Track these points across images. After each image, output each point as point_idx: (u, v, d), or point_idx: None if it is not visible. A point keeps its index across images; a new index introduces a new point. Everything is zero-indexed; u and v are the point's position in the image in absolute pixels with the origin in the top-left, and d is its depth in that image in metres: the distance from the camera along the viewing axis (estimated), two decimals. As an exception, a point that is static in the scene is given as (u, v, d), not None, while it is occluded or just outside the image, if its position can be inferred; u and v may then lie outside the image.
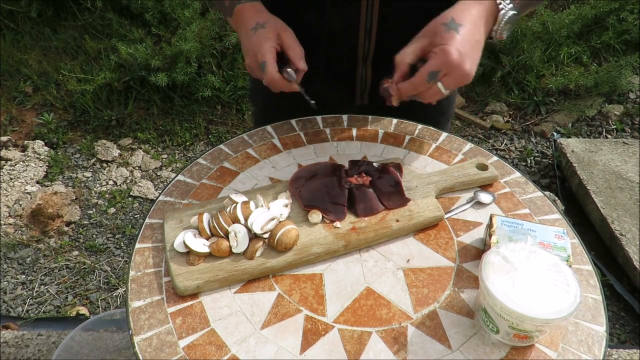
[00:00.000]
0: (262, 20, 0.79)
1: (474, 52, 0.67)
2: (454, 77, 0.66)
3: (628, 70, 2.48)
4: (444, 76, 0.66)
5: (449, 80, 0.67)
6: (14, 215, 1.95)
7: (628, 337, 1.61)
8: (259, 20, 0.79)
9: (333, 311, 0.62)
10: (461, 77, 0.66)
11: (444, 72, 0.66)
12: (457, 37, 0.65)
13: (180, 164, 2.27)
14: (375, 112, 0.98)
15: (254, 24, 0.78)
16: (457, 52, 0.64)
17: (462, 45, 0.65)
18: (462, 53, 0.65)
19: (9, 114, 2.37)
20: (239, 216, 0.68)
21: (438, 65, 0.65)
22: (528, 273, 0.57)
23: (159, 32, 2.42)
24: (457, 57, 0.65)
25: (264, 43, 0.76)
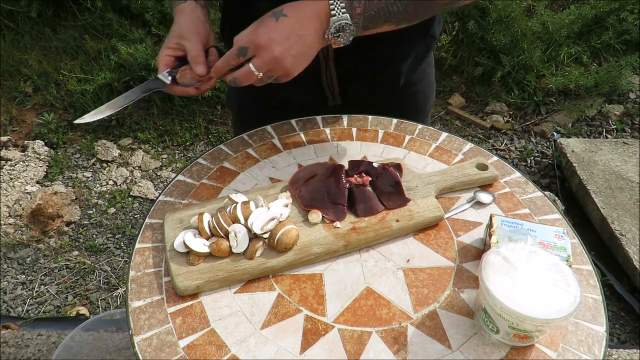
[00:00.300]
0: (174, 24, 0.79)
1: (290, 42, 0.68)
2: (263, 60, 0.67)
3: (628, 70, 2.48)
4: (253, 57, 0.68)
5: (258, 62, 0.68)
6: (14, 215, 1.95)
7: (628, 337, 1.61)
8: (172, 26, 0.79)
9: (333, 311, 0.62)
10: (270, 61, 0.68)
11: (252, 53, 0.68)
12: (273, 24, 0.67)
13: (180, 164, 2.27)
14: (350, 112, 0.98)
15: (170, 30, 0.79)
16: (266, 35, 0.67)
17: (276, 32, 0.67)
18: (272, 38, 0.67)
19: (9, 114, 2.37)
20: (239, 216, 0.68)
21: (246, 42, 0.67)
22: (528, 273, 0.57)
23: (159, 32, 2.42)
24: (265, 41, 0.66)
25: (160, 52, 0.77)
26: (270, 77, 0.71)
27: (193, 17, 0.80)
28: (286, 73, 0.70)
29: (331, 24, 0.69)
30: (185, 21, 0.79)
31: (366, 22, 0.71)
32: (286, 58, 0.68)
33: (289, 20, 0.68)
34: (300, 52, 0.69)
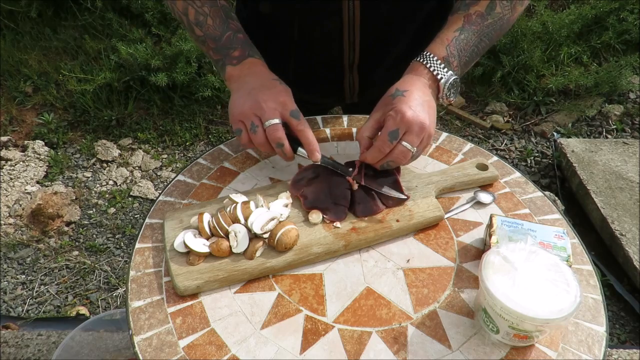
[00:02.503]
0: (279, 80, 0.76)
1: (426, 109, 0.70)
2: (414, 132, 0.69)
3: (628, 70, 2.48)
4: (405, 134, 0.69)
5: (410, 137, 0.69)
6: (14, 215, 1.95)
7: (628, 337, 1.61)
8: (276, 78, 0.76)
9: (333, 311, 0.62)
10: (420, 130, 0.69)
11: (404, 130, 0.69)
12: (405, 99, 0.70)
13: (180, 164, 2.27)
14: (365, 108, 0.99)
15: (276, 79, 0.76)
16: (409, 108, 0.68)
17: (412, 102, 0.69)
18: (413, 108, 0.69)
19: (9, 114, 2.37)
20: (239, 216, 0.68)
21: (395, 124, 0.69)
22: (528, 273, 0.57)
23: (159, 32, 2.42)
24: (411, 113, 0.68)
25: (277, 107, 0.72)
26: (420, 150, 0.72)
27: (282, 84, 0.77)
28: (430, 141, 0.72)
29: (442, 86, 0.73)
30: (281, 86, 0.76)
31: (463, 68, 0.76)
32: (430, 126, 0.70)
33: (412, 92, 0.71)
34: (434, 117, 0.72)
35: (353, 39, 0.87)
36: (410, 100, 0.70)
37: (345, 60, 0.91)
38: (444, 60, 0.73)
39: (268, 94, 0.73)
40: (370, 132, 0.73)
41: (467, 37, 0.74)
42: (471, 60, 0.76)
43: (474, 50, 0.75)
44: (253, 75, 0.77)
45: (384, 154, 0.71)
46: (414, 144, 0.69)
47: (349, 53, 0.90)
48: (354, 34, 0.86)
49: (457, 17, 0.76)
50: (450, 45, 0.73)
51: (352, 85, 0.97)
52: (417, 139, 0.69)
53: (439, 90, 0.74)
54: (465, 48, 0.74)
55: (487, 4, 0.74)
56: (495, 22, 0.75)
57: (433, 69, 0.72)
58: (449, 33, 0.74)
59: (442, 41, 0.74)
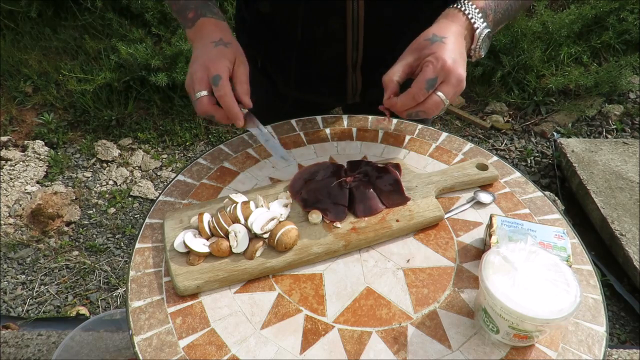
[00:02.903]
0: (227, 39, 0.76)
1: (462, 60, 0.67)
2: (452, 84, 0.66)
3: (628, 70, 2.48)
4: (441, 84, 0.66)
5: (447, 88, 0.66)
6: (14, 215, 1.95)
7: (628, 337, 1.61)
8: (223, 38, 0.76)
9: (333, 311, 0.62)
10: (458, 82, 0.66)
11: (441, 80, 0.65)
12: (446, 47, 0.66)
13: (180, 164, 2.27)
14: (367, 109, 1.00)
15: (218, 39, 0.75)
16: (450, 58, 0.65)
17: (453, 52, 0.66)
18: (455, 59, 0.65)
19: (9, 114, 2.37)
20: (239, 216, 0.68)
21: (435, 72, 0.65)
22: (528, 273, 0.57)
23: (159, 32, 2.42)
24: (452, 63, 0.65)
25: (222, 59, 0.72)
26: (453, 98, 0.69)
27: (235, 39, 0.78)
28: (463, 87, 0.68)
29: (477, 36, 0.69)
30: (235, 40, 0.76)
31: (494, 27, 0.72)
32: (464, 78, 0.67)
33: (451, 40, 0.67)
34: (465, 69, 0.68)
35: (357, 39, 0.86)
36: (450, 48, 0.66)
37: (349, 60, 0.91)
38: (482, 10, 0.68)
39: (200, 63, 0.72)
40: (400, 76, 0.69)
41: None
42: (503, 18, 0.72)
43: (507, 9, 0.72)
44: (200, 39, 0.76)
45: (417, 102, 0.66)
46: (449, 95, 0.66)
47: (353, 53, 0.89)
48: (357, 34, 0.85)
49: None
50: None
51: (355, 84, 0.96)
52: (452, 90, 0.66)
53: (472, 41, 0.69)
54: (500, 4, 0.70)
55: None
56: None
57: (471, 17, 0.68)
58: None
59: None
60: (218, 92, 0.71)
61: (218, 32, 0.76)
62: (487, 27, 0.69)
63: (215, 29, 0.77)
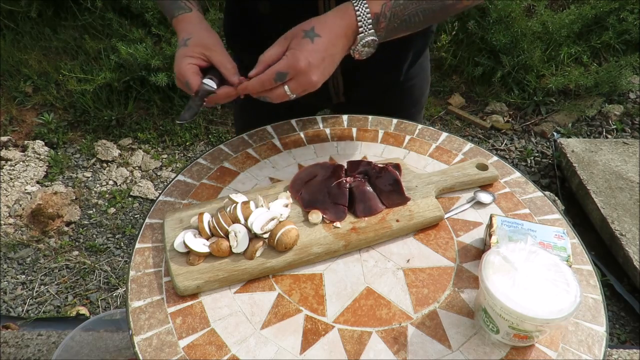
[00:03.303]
0: (186, 34, 0.77)
1: (324, 64, 0.69)
2: (300, 83, 0.68)
3: (628, 70, 2.48)
4: (290, 80, 0.68)
5: (294, 85, 0.69)
6: (14, 215, 1.95)
7: (628, 337, 1.61)
8: (185, 35, 0.77)
9: (333, 311, 0.62)
10: (306, 84, 0.69)
11: (291, 76, 0.68)
12: (310, 47, 0.68)
13: (180, 164, 2.27)
14: (352, 109, 1.00)
15: (182, 39, 0.77)
16: (306, 60, 0.67)
17: (313, 55, 0.67)
18: (311, 63, 0.67)
19: (9, 114, 2.37)
20: (239, 216, 0.68)
21: (285, 68, 0.68)
22: (528, 273, 0.57)
23: (159, 32, 2.42)
24: (305, 66, 0.67)
25: (182, 62, 0.75)
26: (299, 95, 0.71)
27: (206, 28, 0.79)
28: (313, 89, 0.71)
29: (358, 40, 0.70)
30: (201, 31, 0.78)
31: (388, 34, 0.73)
32: (320, 80, 0.70)
33: (323, 41, 0.69)
34: (329, 70, 0.71)
35: None
36: (315, 49, 0.68)
37: None
38: (374, 17, 0.69)
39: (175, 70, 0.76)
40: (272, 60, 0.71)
41: (405, 5, 0.71)
42: (399, 29, 0.73)
43: (406, 20, 0.72)
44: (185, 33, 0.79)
45: (265, 89, 0.70)
46: (295, 91, 0.69)
47: None
48: None
49: None
50: (387, 5, 0.70)
51: (337, 85, 0.96)
52: (300, 89, 0.69)
53: (354, 43, 0.71)
54: (399, 14, 0.71)
55: None
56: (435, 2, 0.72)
57: (359, 20, 0.69)
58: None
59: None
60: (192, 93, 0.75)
61: (183, 32, 0.79)
62: (373, 34, 0.71)
63: (182, 28, 0.79)
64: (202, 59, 0.75)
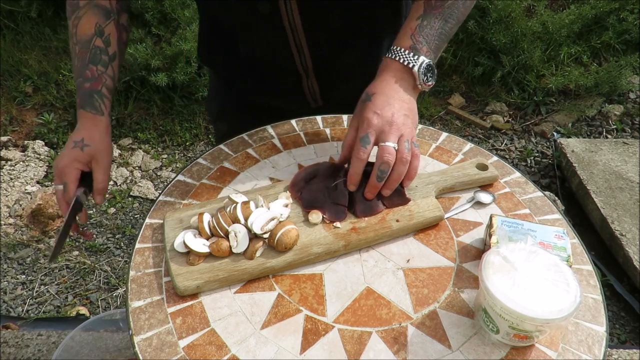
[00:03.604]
0: (88, 139, 0.80)
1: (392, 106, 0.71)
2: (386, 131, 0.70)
3: (628, 70, 2.48)
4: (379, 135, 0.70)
5: (384, 136, 0.70)
6: (14, 215, 1.95)
7: (628, 337, 1.61)
8: (85, 138, 0.80)
9: (333, 311, 0.62)
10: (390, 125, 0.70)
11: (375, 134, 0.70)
12: (371, 105, 0.72)
13: (180, 164, 2.27)
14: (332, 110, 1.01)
15: (80, 139, 0.80)
16: (374, 114, 0.70)
17: (377, 107, 0.71)
18: (379, 111, 0.70)
19: (9, 114, 2.37)
20: (239, 216, 0.68)
21: (364, 131, 0.70)
22: (528, 273, 0.57)
23: (159, 32, 2.42)
24: (376, 117, 0.70)
25: (73, 164, 0.78)
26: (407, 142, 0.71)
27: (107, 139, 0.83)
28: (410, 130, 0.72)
29: (416, 73, 0.73)
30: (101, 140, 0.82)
31: (436, 52, 0.75)
32: (402, 119, 0.71)
33: (379, 94, 0.72)
34: (407, 109, 0.72)
35: (300, 43, 0.86)
36: (376, 104, 0.71)
37: (299, 66, 0.91)
38: (411, 49, 0.72)
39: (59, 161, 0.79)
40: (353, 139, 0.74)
41: (431, 23, 0.74)
42: (442, 43, 0.76)
43: (441, 33, 0.75)
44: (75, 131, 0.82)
45: (362, 160, 0.71)
46: (393, 140, 0.70)
47: (300, 58, 0.89)
48: (298, 38, 0.85)
49: (417, 4, 0.75)
50: (415, 34, 0.73)
51: (312, 88, 0.97)
52: (393, 135, 0.70)
53: (414, 78, 0.73)
54: (431, 33, 0.74)
55: None
56: (456, 1, 0.75)
57: (402, 60, 0.72)
58: (412, 22, 0.74)
59: (407, 31, 0.74)
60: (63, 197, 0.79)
61: (83, 131, 0.81)
62: (425, 60, 0.73)
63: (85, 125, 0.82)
64: (87, 167, 0.79)
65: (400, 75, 0.73)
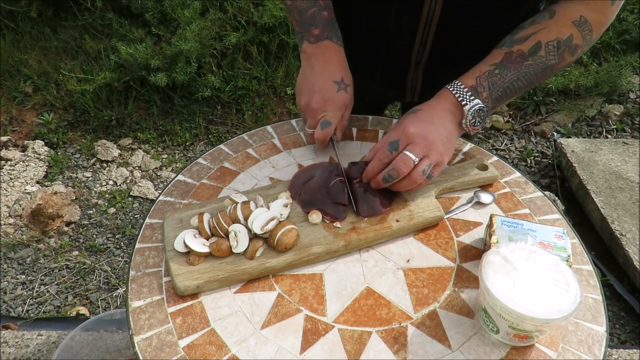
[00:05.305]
0: (347, 80, 0.82)
1: (437, 128, 0.71)
2: (418, 144, 0.69)
3: (628, 70, 2.48)
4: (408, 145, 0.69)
5: (412, 147, 0.69)
6: (14, 215, 1.95)
7: (628, 337, 1.61)
8: (345, 78, 0.81)
9: (333, 311, 0.62)
10: (423, 140, 0.69)
11: (405, 142, 0.70)
12: (414, 115, 0.72)
13: (180, 164, 2.27)
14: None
15: (340, 78, 0.81)
16: (413, 125, 0.70)
17: (419, 120, 0.71)
18: (417, 125, 0.70)
19: (9, 114, 2.37)
20: (239, 216, 0.68)
21: (396, 135, 0.70)
22: (528, 273, 0.57)
23: (159, 32, 2.42)
24: (413, 128, 0.70)
25: (339, 109, 0.81)
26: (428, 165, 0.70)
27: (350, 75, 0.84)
28: (440, 159, 0.71)
29: (466, 112, 0.73)
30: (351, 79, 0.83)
31: (495, 103, 0.75)
32: (437, 141, 0.70)
33: (426, 111, 0.73)
34: (446, 137, 0.72)
35: (426, 38, 0.85)
36: (418, 117, 0.71)
37: (413, 57, 0.90)
38: (471, 89, 0.73)
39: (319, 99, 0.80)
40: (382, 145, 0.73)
41: (502, 73, 0.73)
42: (504, 96, 0.75)
43: (508, 87, 0.74)
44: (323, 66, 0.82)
45: (383, 163, 0.70)
46: (419, 155, 0.69)
47: (419, 51, 0.88)
48: (428, 32, 0.84)
49: (498, 52, 0.75)
50: (482, 77, 0.73)
51: (415, 83, 0.96)
52: (420, 150, 0.69)
53: (462, 116, 0.74)
54: (497, 83, 0.73)
55: (531, 46, 0.73)
56: (536, 64, 0.74)
57: (457, 95, 0.73)
58: (484, 66, 0.74)
59: (474, 72, 0.74)
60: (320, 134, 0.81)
61: (340, 70, 0.82)
62: (479, 103, 0.73)
63: (338, 61, 0.82)
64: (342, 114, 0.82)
65: (450, 108, 0.74)
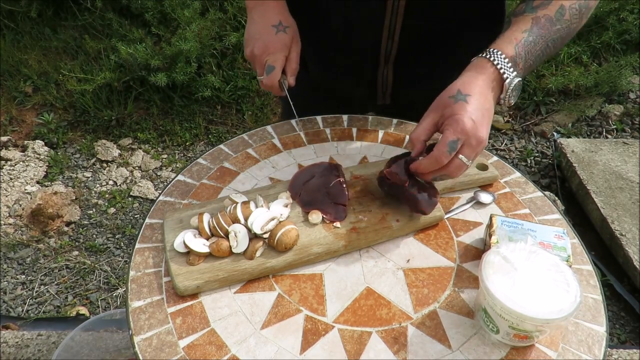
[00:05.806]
0: (286, 22, 0.81)
1: (485, 120, 0.66)
2: (472, 145, 0.65)
3: (628, 70, 2.48)
4: (462, 147, 0.65)
5: (467, 150, 0.65)
6: (14, 215, 1.95)
7: (628, 337, 1.61)
8: (283, 21, 0.81)
9: (333, 311, 0.62)
10: (477, 144, 0.65)
11: (462, 142, 0.64)
12: (468, 107, 0.65)
13: (180, 164, 2.27)
14: (397, 112, 0.99)
15: (277, 22, 0.80)
16: (470, 120, 0.64)
17: (474, 113, 0.65)
18: (475, 121, 0.64)
19: (9, 114, 2.37)
20: (239, 216, 0.68)
21: (456, 135, 0.64)
22: (528, 273, 0.57)
23: (159, 32, 2.42)
24: (471, 126, 0.64)
25: (280, 50, 0.79)
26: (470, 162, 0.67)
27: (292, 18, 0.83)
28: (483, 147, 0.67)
29: (507, 86, 0.68)
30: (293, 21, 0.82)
31: (525, 72, 0.72)
32: (485, 135, 0.66)
33: (476, 98, 0.66)
34: (490, 124, 0.68)
35: (394, 28, 0.83)
36: (472, 108, 0.65)
37: (382, 50, 0.88)
38: (511, 59, 0.68)
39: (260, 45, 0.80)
40: (427, 135, 0.68)
41: (535, 40, 0.70)
42: (534, 64, 0.72)
43: (539, 55, 0.71)
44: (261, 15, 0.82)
45: (441, 165, 0.65)
46: (470, 157, 0.65)
47: (387, 43, 0.86)
48: (395, 22, 0.82)
49: (524, 18, 0.71)
50: (519, 45, 0.69)
51: (386, 80, 0.94)
52: (473, 153, 0.65)
53: (501, 90, 0.69)
54: (531, 51, 0.70)
55: (556, 9, 0.70)
56: (563, 29, 0.71)
57: (500, 67, 0.67)
58: (518, 33, 0.69)
59: (511, 40, 0.69)
60: (267, 80, 0.81)
61: (277, 13, 0.81)
62: (517, 76, 0.69)
63: (275, 7, 0.82)
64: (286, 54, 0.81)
65: (491, 84, 0.68)
